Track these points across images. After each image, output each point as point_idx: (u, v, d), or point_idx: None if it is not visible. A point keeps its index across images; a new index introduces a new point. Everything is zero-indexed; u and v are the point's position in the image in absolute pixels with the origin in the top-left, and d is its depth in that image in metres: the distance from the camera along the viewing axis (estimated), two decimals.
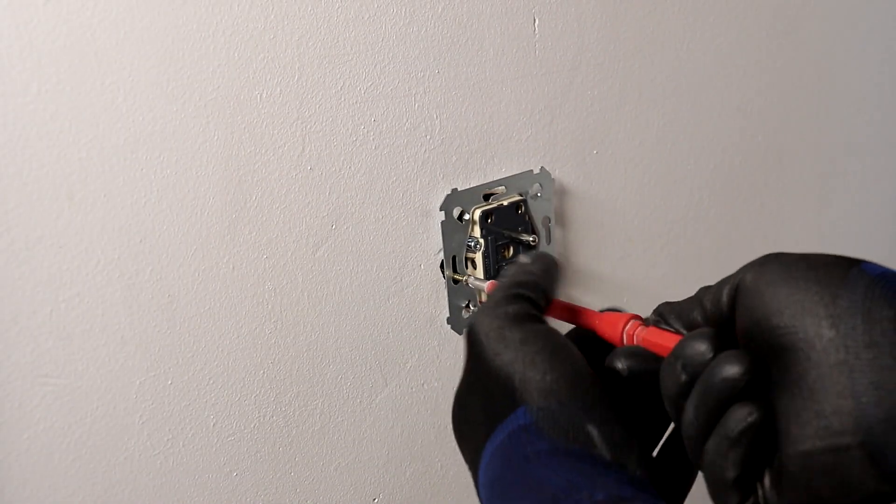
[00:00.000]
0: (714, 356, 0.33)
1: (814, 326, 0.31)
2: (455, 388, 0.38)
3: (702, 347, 0.34)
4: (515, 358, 0.35)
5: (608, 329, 0.39)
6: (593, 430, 0.33)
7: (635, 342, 0.37)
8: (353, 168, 0.57)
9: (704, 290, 0.37)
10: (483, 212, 0.61)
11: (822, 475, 0.30)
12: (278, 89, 0.53)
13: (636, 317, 0.38)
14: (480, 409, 0.36)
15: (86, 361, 0.50)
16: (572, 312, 0.42)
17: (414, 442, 0.64)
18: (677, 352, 0.34)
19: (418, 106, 0.59)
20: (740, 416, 0.32)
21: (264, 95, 0.53)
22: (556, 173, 0.67)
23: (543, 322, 0.38)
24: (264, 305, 0.56)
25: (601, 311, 0.40)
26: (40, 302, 0.48)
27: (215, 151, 0.52)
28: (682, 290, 0.84)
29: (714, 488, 0.33)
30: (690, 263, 0.78)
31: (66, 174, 0.48)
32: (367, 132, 0.57)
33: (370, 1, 0.56)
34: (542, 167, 0.64)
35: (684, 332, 0.37)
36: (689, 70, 0.74)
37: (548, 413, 0.35)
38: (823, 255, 0.33)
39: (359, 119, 0.57)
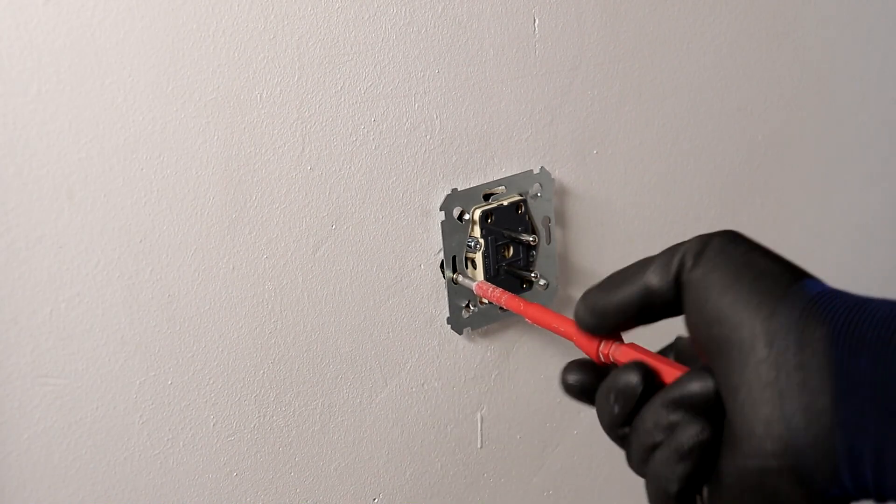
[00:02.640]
0: (644, 388, 0.34)
1: (749, 342, 0.31)
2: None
3: (634, 380, 0.34)
4: None
5: (584, 345, 0.39)
6: None
7: (611, 360, 0.38)
8: (353, 168, 0.57)
9: (638, 268, 0.36)
10: (483, 212, 0.61)
11: (752, 493, 0.31)
12: (278, 89, 0.53)
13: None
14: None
15: (86, 361, 0.50)
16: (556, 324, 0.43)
17: (414, 442, 0.64)
18: (610, 384, 0.35)
19: (418, 106, 0.59)
20: (692, 433, 0.32)
21: (264, 95, 0.53)
22: (556, 173, 0.67)
23: None
24: (264, 305, 0.56)
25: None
26: (40, 302, 0.48)
27: (215, 151, 0.52)
28: None
29: (655, 499, 0.33)
30: None
31: (66, 174, 0.48)
32: (367, 132, 0.57)
33: (370, 1, 0.56)
34: (542, 167, 0.64)
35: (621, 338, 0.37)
36: (689, 70, 0.74)
37: None
38: (773, 261, 0.33)
39: (359, 119, 0.57)
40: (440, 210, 0.60)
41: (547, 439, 0.72)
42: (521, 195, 0.64)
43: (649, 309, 0.35)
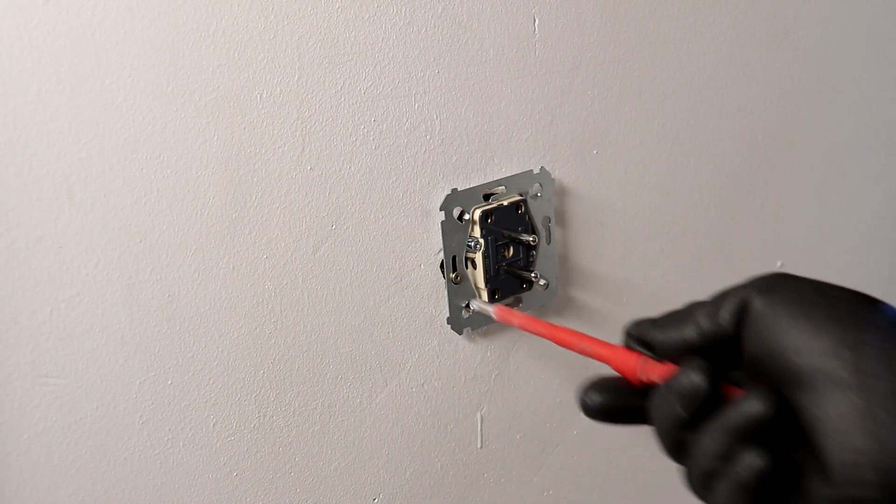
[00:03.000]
0: (712, 392, 0.33)
1: (835, 371, 0.30)
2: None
3: (698, 379, 0.33)
4: None
5: (622, 363, 0.38)
6: None
7: (651, 378, 0.37)
8: (353, 168, 0.57)
9: (697, 306, 0.36)
10: (483, 212, 0.61)
11: None
12: (278, 89, 0.53)
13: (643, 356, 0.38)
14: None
15: (86, 361, 0.50)
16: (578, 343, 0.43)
17: (414, 442, 0.64)
18: (673, 385, 0.34)
19: (418, 106, 0.59)
20: (756, 464, 0.32)
21: (264, 95, 0.53)
22: (556, 173, 0.67)
23: None
24: (264, 305, 0.56)
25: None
26: (40, 302, 0.48)
27: (215, 151, 0.52)
28: (681, 290, 0.85)
29: None
30: (690, 263, 0.78)
31: (66, 174, 0.48)
32: (367, 132, 0.57)
33: (370, 1, 0.56)
34: (541, 167, 0.64)
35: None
36: (689, 70, 0.74)
37: None
38: (840, 290, 0.33)
39: (359, 119, 0.57)
40: (440, 210, 0.60)
41: (547, 439, 0.72)
42: (521, 195, 0.64)
43: (704, 346, 0.35)
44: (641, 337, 0.37)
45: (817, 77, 0.84)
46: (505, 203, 0.63)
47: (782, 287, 0.33)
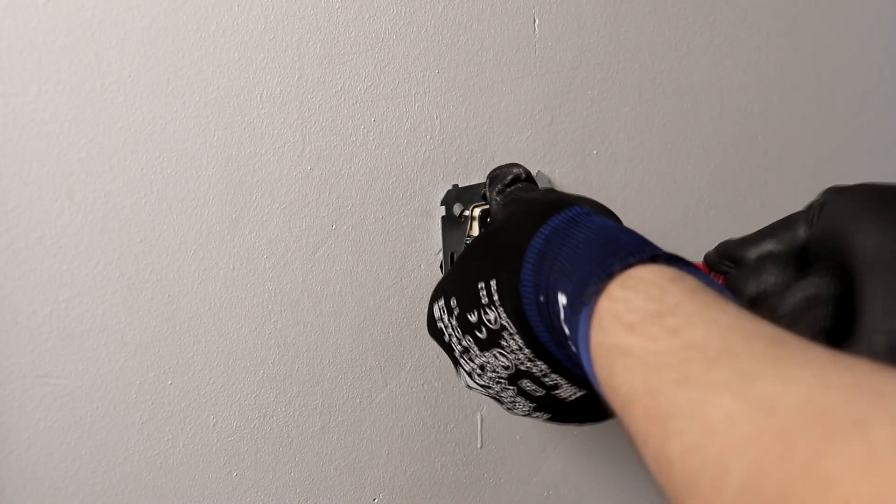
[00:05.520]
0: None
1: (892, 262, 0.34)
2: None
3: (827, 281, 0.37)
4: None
5: None
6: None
7: None
8: (353, 168, 0.57)
9: (782, 222, 0.43)
10: (483, 210, 0.61)
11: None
12: (278, 89, 0.53)
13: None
14: (525, 217, 0.42)
15: (86, 361, 0.50)
16: None
17: (414, 442, 0.64)
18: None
19: (418, 106, 0.59)
20: (825, 281, 0.36)
21: (264, 95, 0.53)
22: (557, 173, 0.67)
23: None
24: (264, 305, 0.56)
25: None
26: (40, 302, 0.48)
27: (215, 151, 0.52)
28: None
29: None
30: None
31: (66, 174, 0.48)
32: (367, 132, 0.57)
33: (370, 1, 0.56)
34: (538, 171, 0.65)
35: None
36: (689, 70, 0.74)
37: (605, 211, 0.43)
38: None
39: (359, 119, 0.57)
40: (441, 205, 0.60)
41: (547, 439, 0.72)
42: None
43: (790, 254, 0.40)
44: (728, 255, 0.44)
45: (817, 77, 0.84)
46: None
47: (856, 187, 0.38)
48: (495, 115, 0.63)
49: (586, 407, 0.44)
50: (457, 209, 0.61)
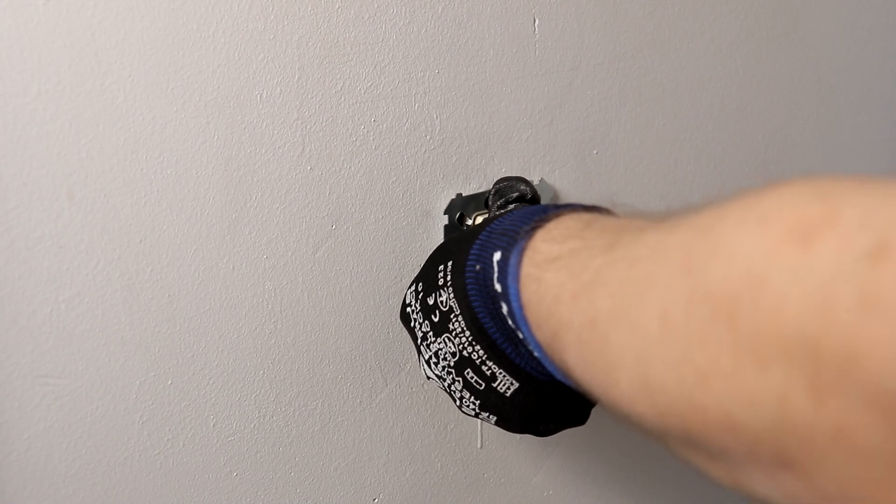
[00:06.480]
0: None
1: None
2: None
3: None
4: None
5: None
6: None
7: None
8: (353, 168, 0.57)
9: None
10: (485, 220, 0.61)
11: None
12: (278, 89, 0.53)
13: None
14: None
15: (86, 361, 0.50)
16: None
17: (414, 442, 0.64)
18: None
19: (418, 106, 0.59)
20: None
21: (264, 95, 0.53)
22: (556, 173, 0.67)
23: None
24: (264, 305, 0.56)
25: None
26: (40, 302, 0.48)
27: (215, 151, 0.52)
28: None
29: None
30: None
31: (66, 174, 0.48)
32: (367, 132, 0.57)
33: (370, 1, 0.56)
34: (541, 179, 0.65)
35: None
36: (689, 70, 0.74)
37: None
38: None
39: (359, 119, 0.57)
40: (444, 214, 0.60)
41: (547, 439, 0.72)
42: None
43: None
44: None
45: (817, 77, 0.84)
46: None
47: None
48: (495, 115, 0.63)
49: (527, 409, 0.46)
50: (458, 216, 0.61)
